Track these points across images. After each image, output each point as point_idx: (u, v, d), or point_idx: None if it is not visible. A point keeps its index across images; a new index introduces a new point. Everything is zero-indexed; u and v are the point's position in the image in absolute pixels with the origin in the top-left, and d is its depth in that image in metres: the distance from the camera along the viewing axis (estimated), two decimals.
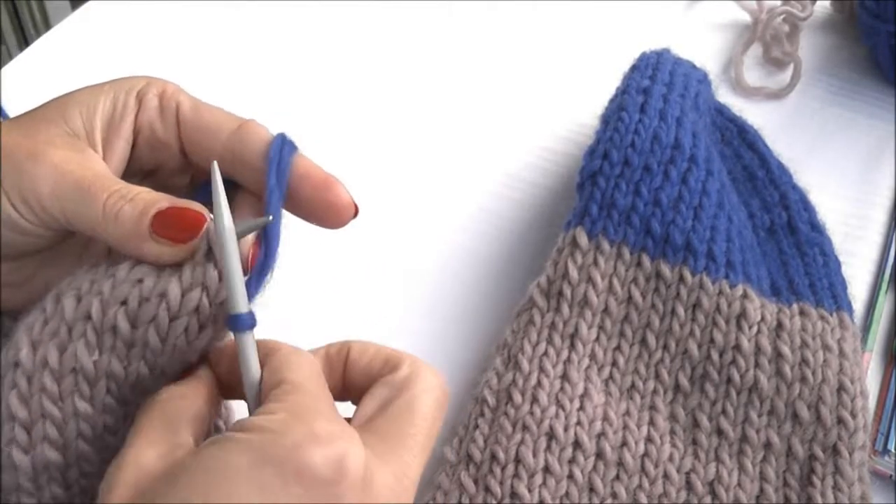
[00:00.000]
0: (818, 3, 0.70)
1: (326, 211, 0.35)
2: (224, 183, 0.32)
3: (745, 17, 0.70)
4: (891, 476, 0.45)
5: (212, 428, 0.33)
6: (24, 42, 1.30)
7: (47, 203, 0.32)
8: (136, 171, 0.37)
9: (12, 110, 0.38)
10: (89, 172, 0.33)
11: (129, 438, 0.30)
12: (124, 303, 0.31)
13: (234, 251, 0.31)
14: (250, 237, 0.33)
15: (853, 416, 0.43)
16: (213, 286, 0.32)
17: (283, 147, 0.34)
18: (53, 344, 0.31)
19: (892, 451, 0.45)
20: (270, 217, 0.33)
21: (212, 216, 0.32)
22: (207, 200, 0.33)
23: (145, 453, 0.29)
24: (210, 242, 0.32)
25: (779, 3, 0.69)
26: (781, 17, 0.67)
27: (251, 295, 0.32)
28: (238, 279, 0.31)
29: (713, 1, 0.72)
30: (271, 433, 0.28)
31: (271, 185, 0.33)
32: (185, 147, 0.36)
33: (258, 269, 0.33)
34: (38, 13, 1.29)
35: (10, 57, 0.68)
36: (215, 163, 0.32)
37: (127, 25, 0.67)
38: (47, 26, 1.18)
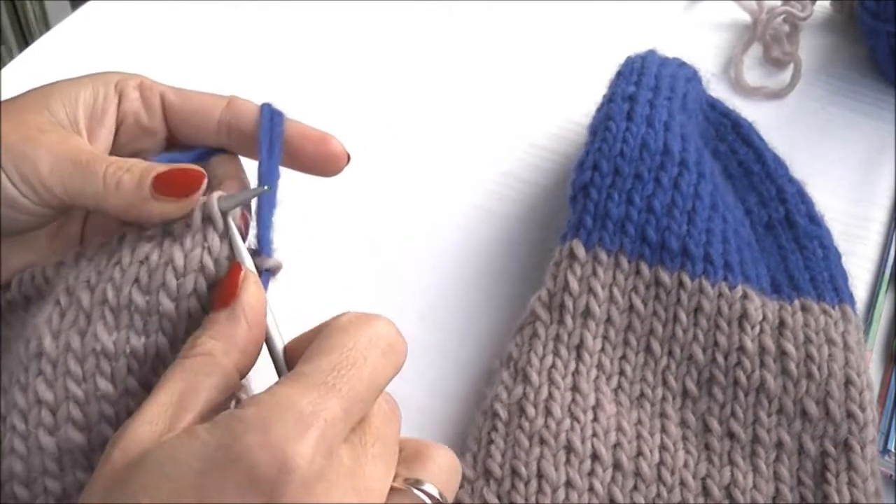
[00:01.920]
0: (818, 3, 0.71)
1: (326, 162, 0.39)
2: (217, 151, 0.38)
3: (745, 17, 0.70)
4: (891, 476, 0.45)
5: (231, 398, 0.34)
6: (25, 42, 1.29)
7: (48, 181, 0.34)
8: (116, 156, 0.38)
9: None
10: (84, 151, 0.35)
11: (142, 403, 0.30)
12: (136, 280, 0.33)
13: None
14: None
15: (862, 409, 0.43)
16: (215, 246, 0.34)
17: (272, 116, 0.38)
18: (74, 330, 0.33)
19: (893, 450, 0.45)
20: (266, 187, 0.36)
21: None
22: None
23: (140, 430, 0.29)
24: (207, 210, 0.34)
25: (779, 3, 0.69)
26: (781, 17, 0.67)
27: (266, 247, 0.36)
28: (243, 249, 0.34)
29: (713, 1, 0.72)
30: (229, 434, 0.28)
31: (264, 153, 0.37)
32: (176, 131, 0.39)
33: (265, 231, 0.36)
34: (44, 12, 1.28)
35: (11, 57, 0.67)
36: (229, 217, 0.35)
37: (127, 25, 0.67)
38: (47, 26, 1.18)
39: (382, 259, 0.54)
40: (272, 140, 0.37)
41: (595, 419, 0.42)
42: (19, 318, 0.36)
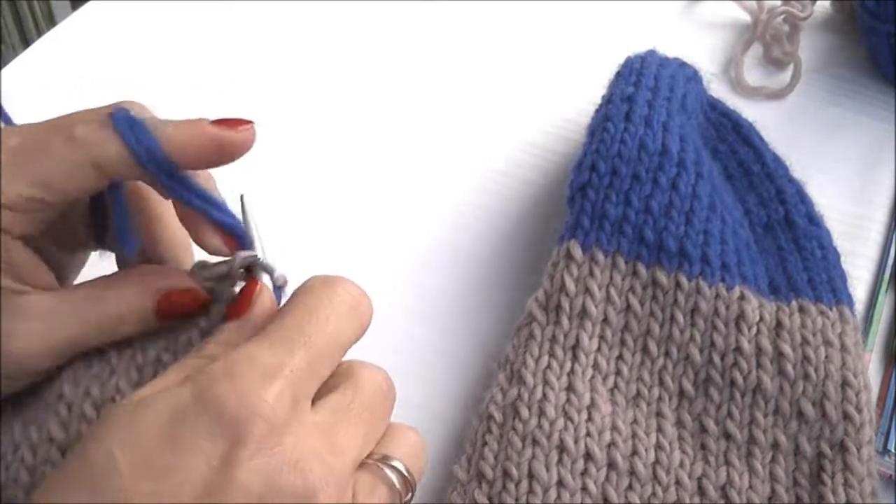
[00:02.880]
0: (818, 3, 0.70)
1: (222, 153, 0.34)
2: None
3: (745, 17, 0.70)
4: (891, 476, 0.45)
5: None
6: (25, 42, 1.30)
7: (42, 366, 0.34)
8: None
9: (13, 110, 0.38)
10: (64, 327, 0.34)
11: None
12: (165, 345, 0.35)
13: None
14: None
15: (858, 410, 0.43)
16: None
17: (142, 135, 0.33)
18: (96, 381, 0.34)
19: (892, 451, 0.45)
20: (255, 254, 0.37)
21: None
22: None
23: None
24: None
25: (779, 3, 0.69)
26: (781, 17, 0.67)
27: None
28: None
29: (713, 1, 0.72)
30: (197, 385, 0.29)
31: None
32: (63, 203, 0.35)
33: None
34: (42, 12, 1.29)
35: (14, 54, 0.68)
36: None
37: (127, 25, 0.67)
38: (51, 25, 1.18)
39: (381, 259, 0.54)
40: (163, 166, 0.33)
41: (590, 419, 0.42)
42: None
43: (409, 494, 0.34)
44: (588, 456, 0.41)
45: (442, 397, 0.47)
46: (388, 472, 0.33)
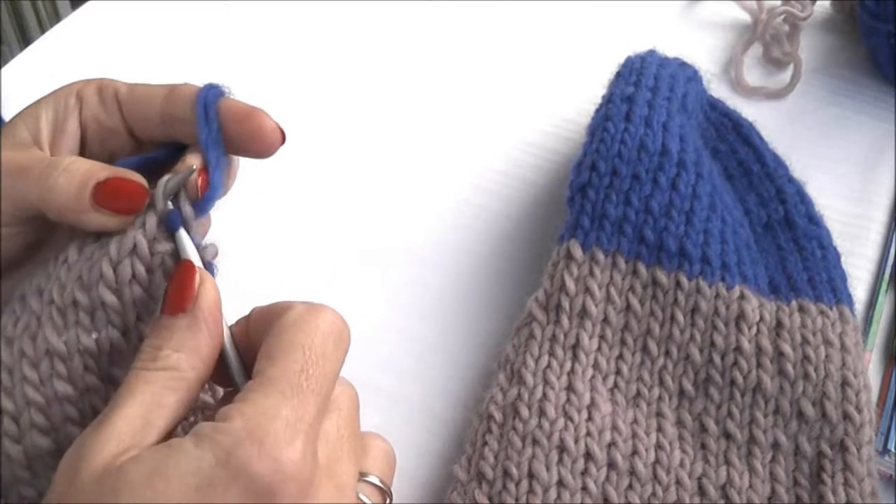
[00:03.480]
0: (818, 3, 0.70)
1: (254, 141, 0.36)
2: (173, 145, 0.36)
3: (745, 17, 0.70)
4: (891, 476, 0.45)
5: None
6: (25, 42, 1.30)
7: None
8: None
9: (13, 110, 0.38)
10: (26, 156, 0.34)
11: (103, 414, 0.29)
12: (79, 278, 0.32)
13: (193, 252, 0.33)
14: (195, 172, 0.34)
15: (858, 410, 0.43)
16: (151, 227, 0.33)
17: (208, 93, 0.35)
18: (26, 335, 0.32)
19: (893, 450, 0.45)
20: (194, 167, 0.34)
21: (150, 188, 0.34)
22: (143, 167, 0.35)
23: (108, 446, 0.28)
24: (152, 199, 0.33)
25: (779, 3, 0.69)
26: (781, 17, 0.67)
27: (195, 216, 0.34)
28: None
29: (713, 1, 0.72)
30: (222, 449, 0.28)
31: (201, 126, 0.35)
32: (130, 126, 0.38)
33: (204, 199, 0.34)
34: (42, 12, 1.29)
35: (14, 54, 0.68)
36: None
37: (127, 25, 0.67)
38: (51, 24, 1.18)
39: (381, 259, 0.54)
40: (208, 117, 0.35)
41: (590, 418, 0.42)
42: None
43: (388, 500, 0.35)
44: (588, 455, 0.41)
45: (442, 397, 0.47)
46: (367, 489, 0.33)
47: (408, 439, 0.45)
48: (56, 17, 1.31)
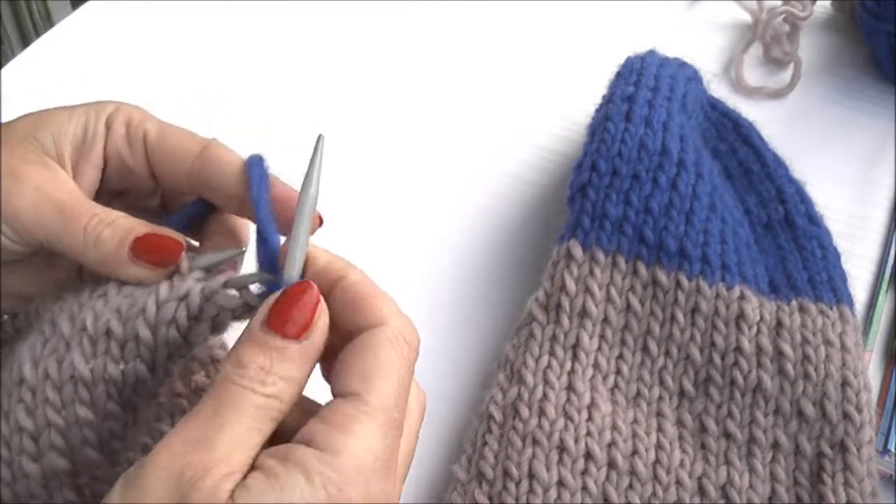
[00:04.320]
0: (818, 2, 0.70)
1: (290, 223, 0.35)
2: (198, 204, 0.37)
3: (746, 17, 0.70)
4: (891, 476, 0.45)
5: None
6: (25, 42, 1.30)
7: (30, 225, 0.33)
8: (105, 194, 0.37)
9: (13, 110, 0.38)
10: (68, 195, 0.34)
11: (194, 423, 0.29)
12: (117, 310, 0.33)
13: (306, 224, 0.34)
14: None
15: (858, 410, 0.43)
16: (215, 283, 0.33)
17: (259, 174, 0.35)
18: (53, 358, 0.32)
19: (893, 450, 0.45)
20: (244, 249, 0.35)
21: (186, 245, 0.34)
22: (181, 225, 0.36)
23: (216, 469, 0.27)
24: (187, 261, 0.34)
25: (779, 2, 0.69)
26: (782, 16, 0.67)
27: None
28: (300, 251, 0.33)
29: (713, 1, 0.72)
30: (333, 486, 0.28)
31: (260, 210, 0.34)
32: (155, 172, 0.37)
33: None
34: (41, 13, 1.29)
35: (13, 55, 0.68)
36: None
37: (127, 25, 0.67)
38: (50, 25, 1.18)
39: (381, 259, 0.54)
40: (260, 199, 0.35)
41: (590, 418, 0.42)
42: (12, 350, 0.36)
43: None
44: (588, 455, 0.41)
45: (442, 397, 0.47)
46: None
47: None
48: (55, 19, 1.31)
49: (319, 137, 0.34)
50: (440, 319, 0.51)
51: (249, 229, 0.38)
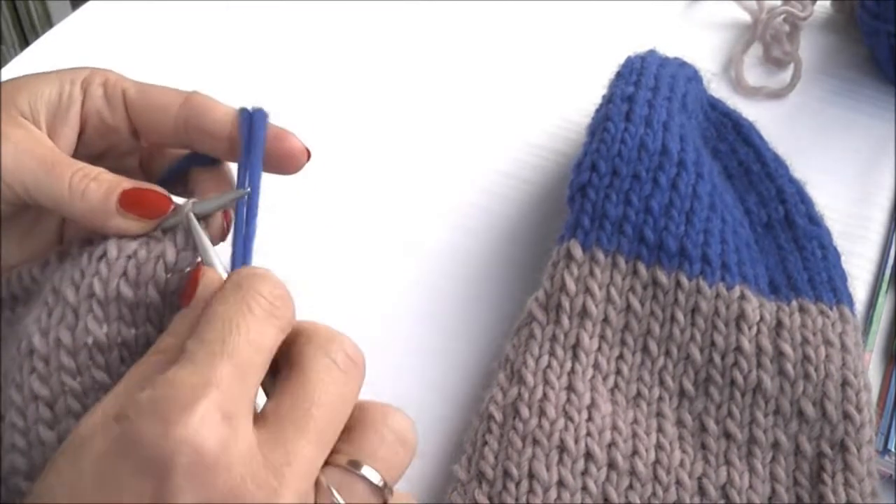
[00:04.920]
0: (818, 3, 0.70)
1: (282, 161, 0.38)
2: (187, 159, 0.38)
3: (745, 17, 0.70)
4: (891, 476, 0.45)
5: None
6: (25, 42, 1.30)
7: (10, 178, 0.34)
8: (83, 157, 0.37)
9: None
10: (49, 150, 0.35)
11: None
12: (124, 274, 0.33)
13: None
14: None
15: (859, 410, 0.43)
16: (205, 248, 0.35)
17: (253, 118, 0.37)
18: (62, 325, 0.33)
19: (893, 450, 0.45)
20: (248, 189, 0.35)
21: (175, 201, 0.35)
22: (171, 182, 0.37)
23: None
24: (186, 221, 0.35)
25: (779, 2, 0.69)
26: (781, 16, 0.67)
27: (243, 260, 0.35)
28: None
29: (713, 1, 0.72)
30: (126, 420, 0.27)
31: (253, 149, 0.36)
32: (138, 128, 0.38)
33: (242, 237, 0.35)
34: (40, 12, 1.29)
35: (12, 55, 0.67)
36: (191, 215, 0.35)
37: (127, 25, 0.67)
38: (51, 26, 1.18)
39: (381, 259, 0.54)
40: (253, 143, 0.36)
41: (590, 418, 0.42)
42: (6, 317, 0.37)
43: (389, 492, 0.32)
44: (588, 455, 0.41)
45: (442, 397, 0.47)
46: (359, 476, 0.30)
47: None
48: (55, 18, 1.31)
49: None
50: (439, 319, 0.51)
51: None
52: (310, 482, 0.29)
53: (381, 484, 0.30)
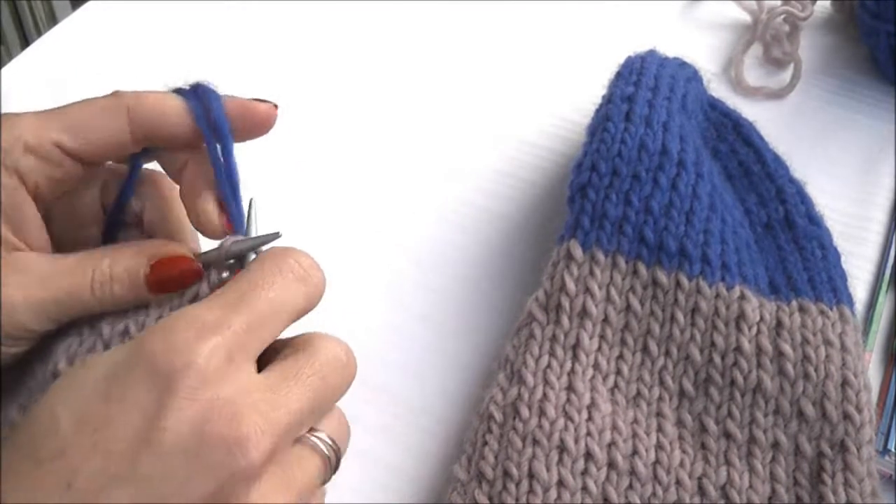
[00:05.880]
0: (818, 3, 0.70)
1: (252, 129, 0.38)
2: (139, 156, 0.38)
3: (745, 17, 0.70)
4: (891, 476, 0.45)
5: None
6: (25, 42, 1.30)
7: (36, 327, 0.34)
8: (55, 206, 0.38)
9: (13, 110, 0.38)
10: (56, 281, 0.34)
11: None
12: (159, 317, 0.34)
13: None
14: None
15: (858, 410, 0.43)
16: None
17: (208, 98, 0.37)
18: (88, 353, 0.34)
19: (893, 450, 0.45)
20: (279, 233, 0.37)
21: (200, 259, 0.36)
22: (132, 188, 0.38)
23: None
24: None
25: (779, 3, 0.69)
26: (781, 16, 0.67)
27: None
28: None
29: (713, 1, 0.72)
30: (136, 342, 0.30)
31: (225, 143, 0.37)
32: (86, 160, 0.36)
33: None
34: (42, 12, 1.29)
35: (10, 56, 0.67)
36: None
37: (127, 25, 0.67)
38: (51, 24, 1.18)
39: (381, 259, 0.54)
40: (219, 125, 0.36)
41: (590, 418, 0.42)
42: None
43: (334, 471, 0.35)
44: (588, 456, 0.41)
45: (442, 397, 0.47)
46: (318, 443, 0.33)
47: (407, 439, 0.45)
48: (55, 18, 1.31)
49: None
50: (439, 320, 0.51)
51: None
52: (296, 430, 0.32)
53: (335, 451, 0.34)
